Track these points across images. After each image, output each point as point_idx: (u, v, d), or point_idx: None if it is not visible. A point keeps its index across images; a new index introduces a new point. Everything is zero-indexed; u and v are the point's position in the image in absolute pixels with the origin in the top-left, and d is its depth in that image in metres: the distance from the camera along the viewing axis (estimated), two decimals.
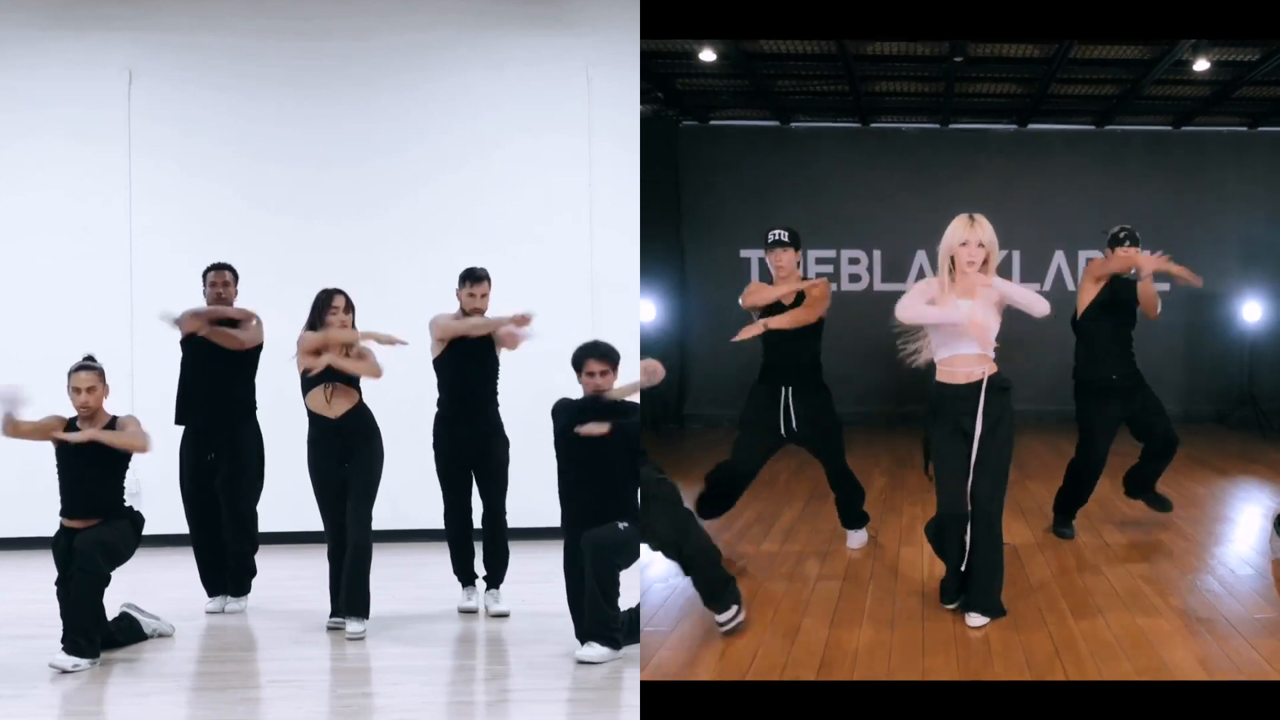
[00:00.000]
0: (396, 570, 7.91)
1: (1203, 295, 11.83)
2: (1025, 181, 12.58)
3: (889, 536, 7.13)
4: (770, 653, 5.13)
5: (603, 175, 9.65)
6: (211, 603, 7.15)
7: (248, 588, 7.21)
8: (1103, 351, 6.85)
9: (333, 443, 6.55)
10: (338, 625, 6.57)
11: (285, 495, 7.42)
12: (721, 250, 12.35)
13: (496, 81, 9.66)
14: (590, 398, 6.02)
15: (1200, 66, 9.53)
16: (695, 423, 12.24)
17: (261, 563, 7.27)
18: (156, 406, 7.26)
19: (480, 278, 6.98)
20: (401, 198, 9.59)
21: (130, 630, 6.37)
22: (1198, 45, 9.10)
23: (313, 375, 6.52)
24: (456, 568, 7.12)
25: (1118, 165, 12.66)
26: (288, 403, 6.94)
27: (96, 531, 6.02)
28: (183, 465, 7.14)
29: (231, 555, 7.13)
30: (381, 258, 9.42)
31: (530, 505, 7.59)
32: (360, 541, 6.48)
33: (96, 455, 6.04)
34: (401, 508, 8.39)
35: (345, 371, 6.54)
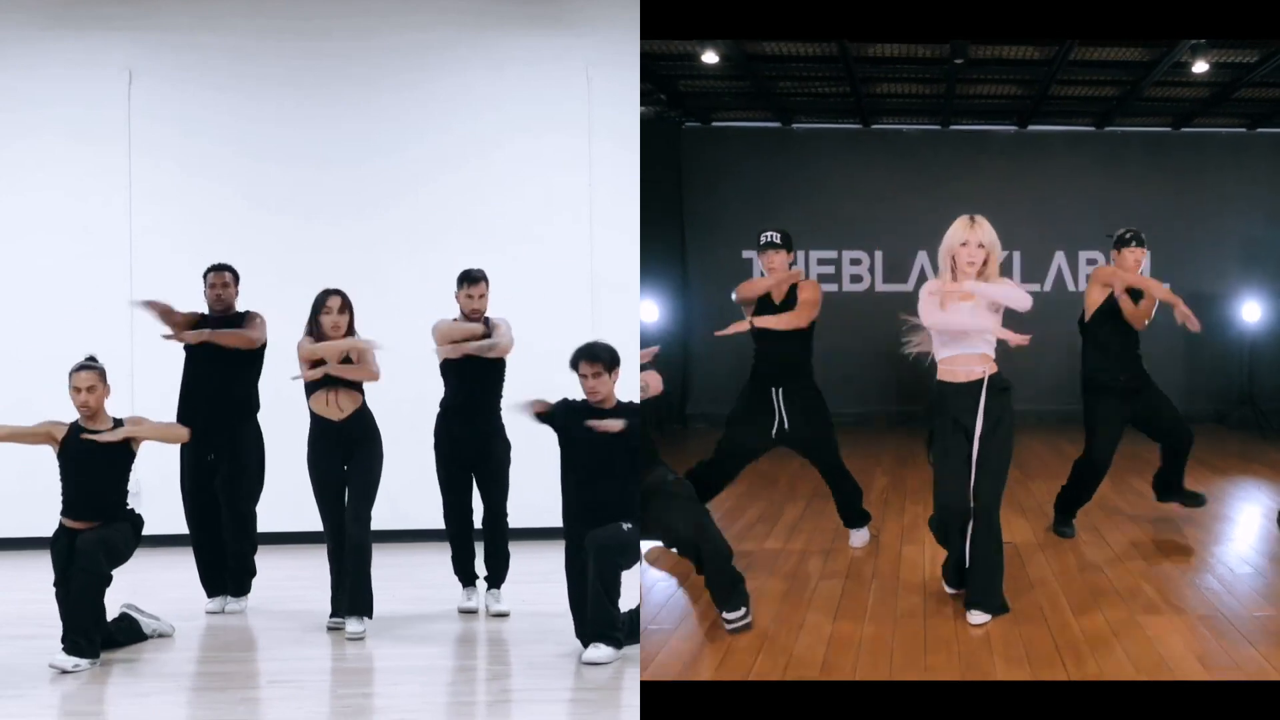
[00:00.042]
0: (396, 570, 7.91)
1: (1202, 295, 11.85)
2: (1026, 182, 12.58)
3: (891, 535, 7.15)
4: (773, 651, 5.15)
5: (603, 175, 9.64)
6: (211, 603, 7.14)
7: (248, 588, 7.21)
8: (1109, 353, 6.87)
9: (334, 443, 6.55)
10: (338, 625, 6.57)
11: (285, 495, 7.42)
12: (723, 251, 12.34)
13: (496, 81, 9.66)
14: (583, 400, 6.02)
15: (1199, 68, 9.54)
16: (698, 422, 12.24)
17: (261, 563, 7.27)
18: (156, 406, 7.25)
19: (477, 279, 6.97)
20: (401, 198, 9.58)
21: (130, 630, 6.36)
22: (1197, 47, 9.11)
23: (315, 380, 6.53)
24: (457, 568, 7.12)
25: (1118, 166, 12.67)
26: (288, 403, 6.94)
27: (98, 531, 6.01)
28: (183, 465, 7.13)
29: (231, 555, 7.12)
30: (381, 258, 9.42)
31: (531, 505, 7.59)
32: (360, 541, 6.48)
33: (104, 457, 6.03)
34: (401, 508, 8.39)
35: (344, 378, 6.55)
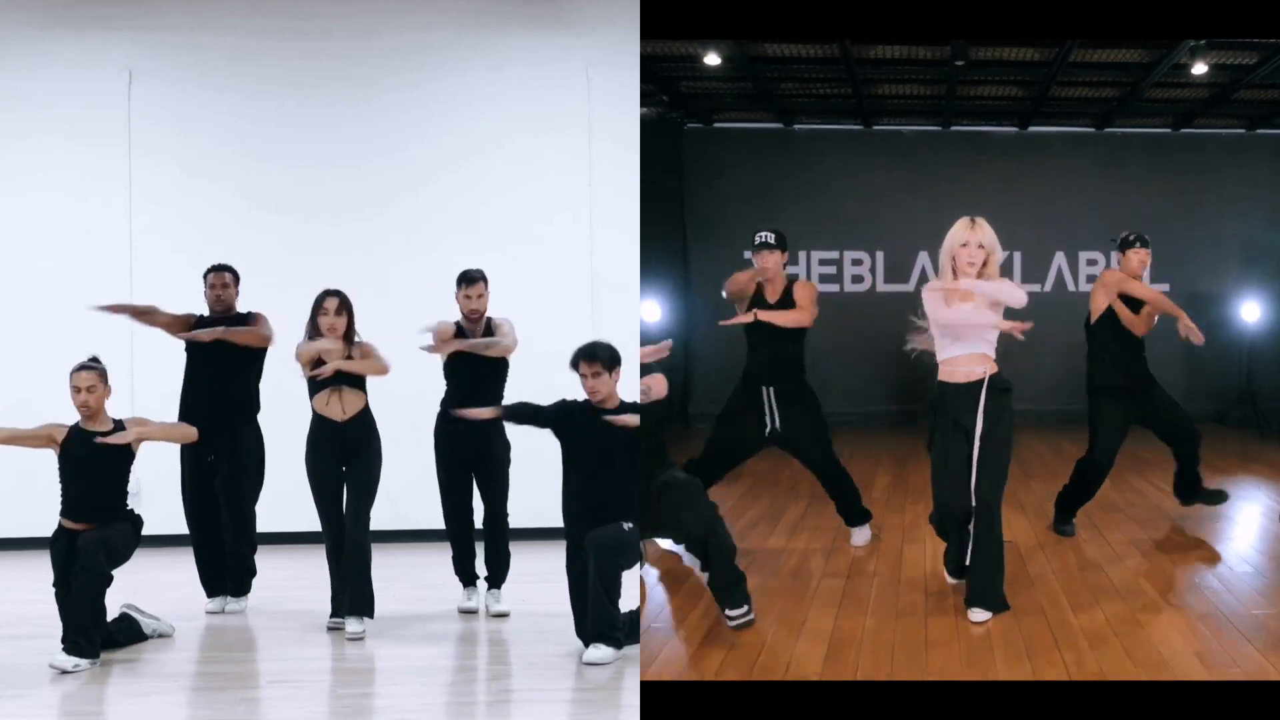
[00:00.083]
0: (396, 570, 7.91)
1: (1202, 295, 11.89)
2: (1026, 183, 12.58)
3: (892, 534, 7.16)
4: (775, 649, 5.16)
5: (603, 175, 9.64)
6: (211, 603, 7.14)
7: (248, 588, 7.21)
8: (1114, 355, 6.91)
9: (334, 444, 6.54)
10: (338, 625, 6.56)
11: (285, 495, 7.41)
12: (725, 252, 12.32)
13: (496, 81, 9.66)
14: (584, 400, 6.03)
15: (1199, 70, 9.55)
16: (700, 422, 12.22)
17: (261, 563, 7.27)
18: (156, 406, 7.25)
19: (475, 279, 6.96)
20: (401, 198, 9.58)
21: (130, 630, 6.36)
22: (1196, 49, 9.12)
23: (321, 379, 6.50)
24: (457, 568, 7.12)
25: (1118, 167, 12.67)
26: (288, 403, 6.94)
27: (98, 532, 6.01)
28: (183, 466, 7.13)
29: (231, 555, 7.12)
30: (381, 258, 9.42)
31: (531, 505, 7.59)
32: (359, 541, 6.48)
33: (104, 458, 6.03)
34: (401, 508, 8.39)
35: (353, 372, 6.54)
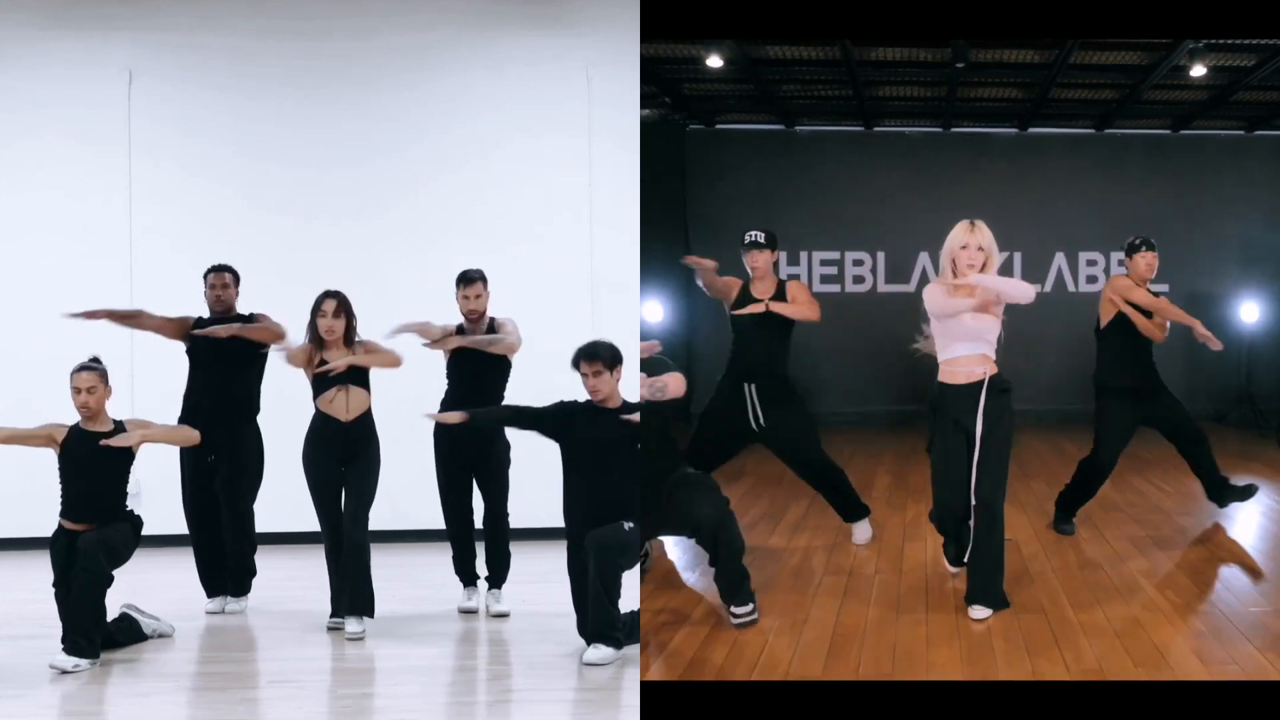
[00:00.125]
0: (396, 570, 7.91)
1: (1201, 296, 11.91)
2: (1026, 184, 12.61)
3: (893, 533, 7.18)
4: (776, 647, 5.17)
5: (603, 175, 9.64)
6: (211, 603, 7.14)
7: (248, 588, 7.20)
8: (1123, 358, 6.95)
9: (335, 443, 6.52)
10: (338, 625, 6.56)
11: (285, 495, 7.40)
12: (727, 252, 12.30)
13: (496, 81, 9.66)
14: (586, 401, 6.03)
15: (1197, 72, 9.56)
16: None
17: (261, 563, 7.27)
18: (156, 407, 7.25)
19: (473, 279, 6.95)
20: (401, 198, 9.58)
21: (130, 630, 6.35)
22: (1195, 51, 9.14)
23: (334, 374, 6.45)
24: (458, 568, 7.12)
25: (1117, 168, 12.69)
26: (288, 403, 6.93)
27: (98, 532, 6.00)
28: (183, 466, 7.13)
29: (231, 555, 7.11)
30: (381, 258, 9.41)
31: (531, 505, 7.58)
32: (358, 541, 6.47)
33: (104, 458, 6.02)
34: (401, 508, 8.38)
35: (366, 365, 6.52)
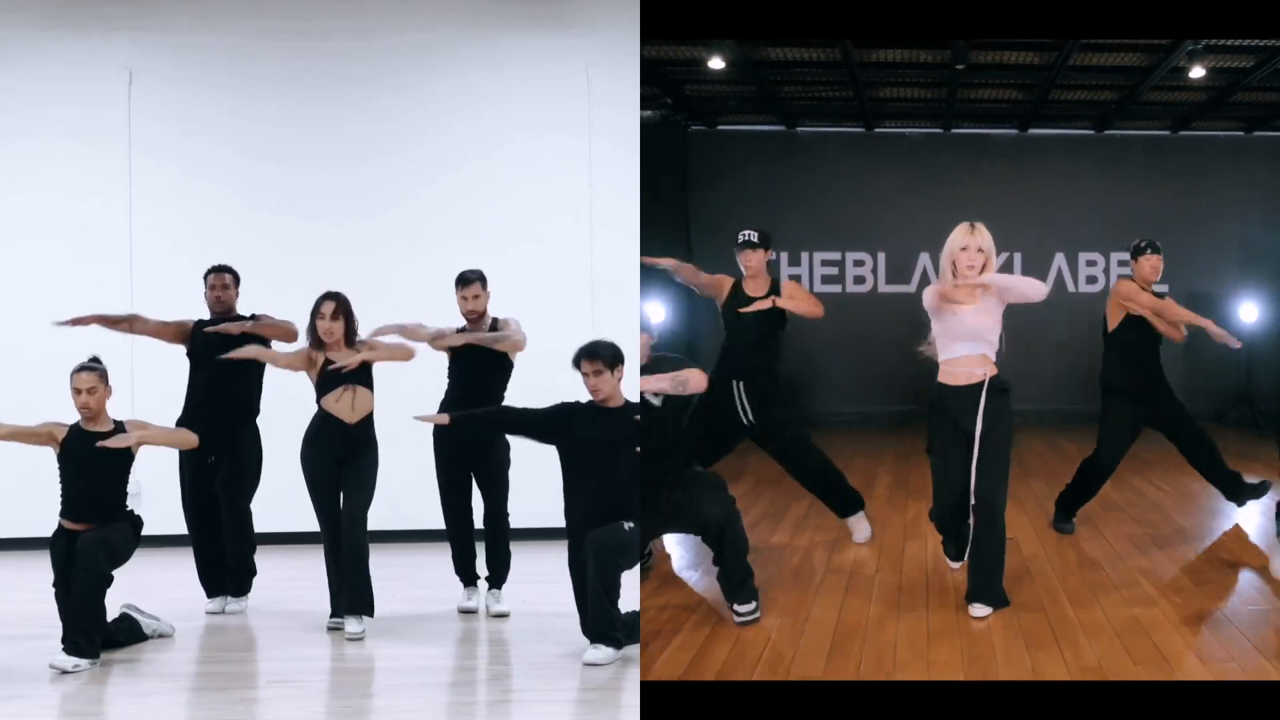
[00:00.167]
0: (396, 570, 7.91)
1: (1201, 296, 11.89)
2: (1026, 185, 12.61)
3: (894, 533, 7.18)
4: (777, 645, 5.18)
5: (603, 175, 9.65)
6: (211, 603, 7.14)
7: (248, 588, 7.20)
8: (1129, 360, 6.96)
9: (336, 444, 6.52)
10: (338, 625, 6.56)
11: (284, 496, 7.40)
12: (728, 253, 12.34)
13: (496, 81, 9.66)
14: (588, 401, 6.03)
15: (1197, 73, 9.57)
16: None
17: (261, 563, 7.27)
18: (157, 408, 7.23)
19: (470, 280, 6.94)
20: (401, 198, 9.58)
21: (130, 630, 6.36)
22: (1194, 52, 9.15)
23: (345, 372, 6.43)
24: (458, 568, 7.12)
25: (1117, 169, 12.69)
26: (288, 403, 6.94)
27: (98, 532, 6.00)
28: (183, 466, 7.13)
29: (231, 555, 7.11)
30: (381, 258, 9.42)
31: (531, 505, 7.58)
32: (358, 540, 6.46)
33: (104, 459, 6.02)
34: (401, 508, 8.39)
35: (378, 360, 6.52)
